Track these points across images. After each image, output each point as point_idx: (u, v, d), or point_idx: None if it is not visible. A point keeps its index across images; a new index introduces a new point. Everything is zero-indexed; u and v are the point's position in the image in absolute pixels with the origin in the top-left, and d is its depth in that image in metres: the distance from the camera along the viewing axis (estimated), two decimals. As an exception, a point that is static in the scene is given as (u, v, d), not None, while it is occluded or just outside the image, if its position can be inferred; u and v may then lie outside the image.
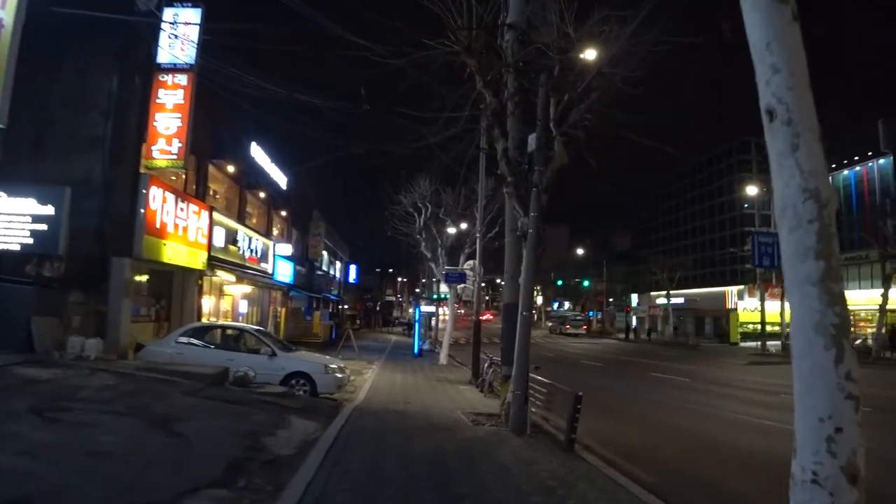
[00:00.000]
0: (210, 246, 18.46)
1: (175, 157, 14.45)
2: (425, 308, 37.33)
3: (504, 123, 11.82)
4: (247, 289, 23.36)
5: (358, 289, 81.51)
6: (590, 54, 11.23)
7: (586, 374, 24.16)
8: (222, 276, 19.59)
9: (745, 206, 68.05)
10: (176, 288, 18.12)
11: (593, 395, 9.45)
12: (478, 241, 20.79)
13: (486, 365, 17.54)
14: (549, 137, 11.34)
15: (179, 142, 14.52)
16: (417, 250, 30.51)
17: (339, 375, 12.86)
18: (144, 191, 14.11)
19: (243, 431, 7.24)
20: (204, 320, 18.43)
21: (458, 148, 13.26)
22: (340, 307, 58.48)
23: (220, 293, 20.67)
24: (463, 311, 70.10)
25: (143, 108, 14.56)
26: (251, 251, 23.00)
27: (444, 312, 56.27)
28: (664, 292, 73.16)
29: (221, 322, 17.08)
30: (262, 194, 25.29)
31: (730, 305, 67.87)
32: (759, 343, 46.67)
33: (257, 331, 13.82)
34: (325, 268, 46.03)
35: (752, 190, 54.67)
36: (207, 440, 6.58)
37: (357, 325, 71.62)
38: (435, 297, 39.36)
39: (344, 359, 26.41)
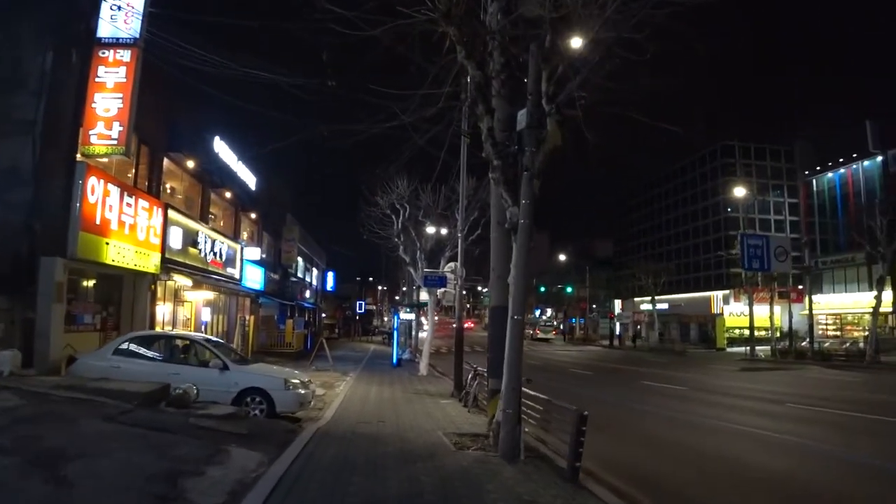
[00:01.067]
0: (164, 247, 16.71)
1: (115, 142, 12.72)
2: (404, 316, 35.65)
3: (489, 99, 10.26)
4: (210, 295, 21.56)
5: (337, 297, 79.67)
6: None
7: (576, 384, 22.62)
8: (179, 280, 17.81)
9: (729, 209, 67.14)
10: (126, 293, 16.33)
11: (587, 407, 7.91)
12: (459, 239, 19.13)
13: (469, 376, 15.95)
14: (541, 115, 9.79)
15: (121, 125, 12.78)
16: (396, 254, 28.87)
17: (302, 391, 11.18)
18: (81, 181, 12.36)
19: (160, 471, 5.56)
20: (157, 329, 16.64)
21: (436, 129, 11.65)
22: (318, 316, 56.56)
23: (179, 300, 18.89)
24: (452, 320, 68.19)
25: (81, 88, 12.82)
26: (214, 254, 21.22)
27: (425, 321, 54.92)
28: (648, 298, 72.10)
29: (169, 331, 15.27)
30: (227, 194, 23.53)
31: (715, 310, 66.96)
32: (748, 348, 45.66)
33: (207, 341, 12.05)
34: (300, 274, 44.20)
35: (737, 192, 53.58)
36: (102, 487, 4.93)
37: (336, 334, 69.77)
38: (415, 303, 37.77)
39: (317, 370, 24.73)
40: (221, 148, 21.85)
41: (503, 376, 9.43)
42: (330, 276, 60.29)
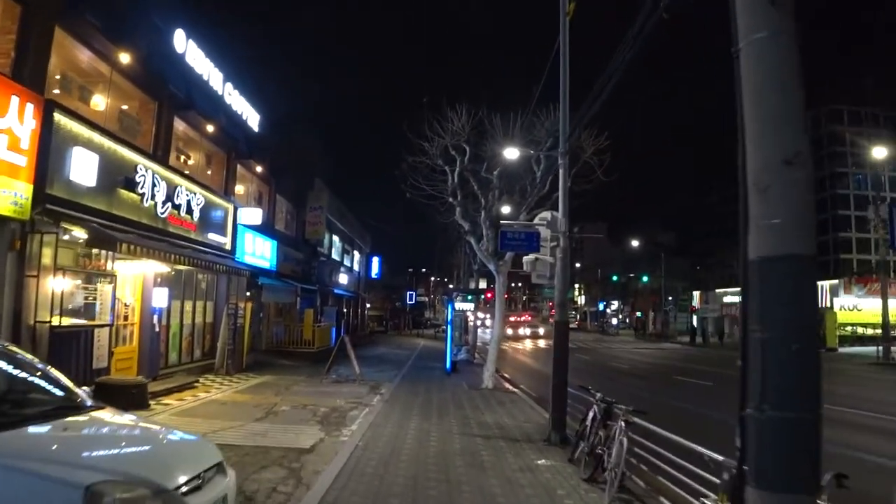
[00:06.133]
0: (45, 175, 9.52)
1: None
2: (460, 305, 28.06)
3: None
4: (165, 268, 14.14)
5: (385, 287, 72.76)
6: None
7: (708, 404, 14.88)
8: (80, 236, 10.58)
9: (839, 185, 57.37)
10: (-24, 257, 9.20)
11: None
12: (561, 168, 10.95)
13: (590, 416, 8.32)
14: None
15: None
16: (451, 219, 21.27)
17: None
18: None
19: None
20: (47, 318, 9.47)
21: None
22: (360, 306, 49.40)
23: (92, 269, 11.62)
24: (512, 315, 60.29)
25: None
26: (177, 208, 14.03)
27: (482, 315, 46.81)
28: (735, 288, 62.88)
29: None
30: (209, 128, 16.27)
31: (819, 304, 57.16)
32: (880, 349, 36.56)
33: None
34: (336, 256, 37.09)
35: (876, 153, 44.01)
36: None
37: (383, 328, 62.78)
38: (473, 290, 30.12)
39: (336, 381, 17.30)
40: (190, 50, 14.63)
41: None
42: (375, 261, 52.99)
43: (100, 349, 11.38)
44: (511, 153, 12.40)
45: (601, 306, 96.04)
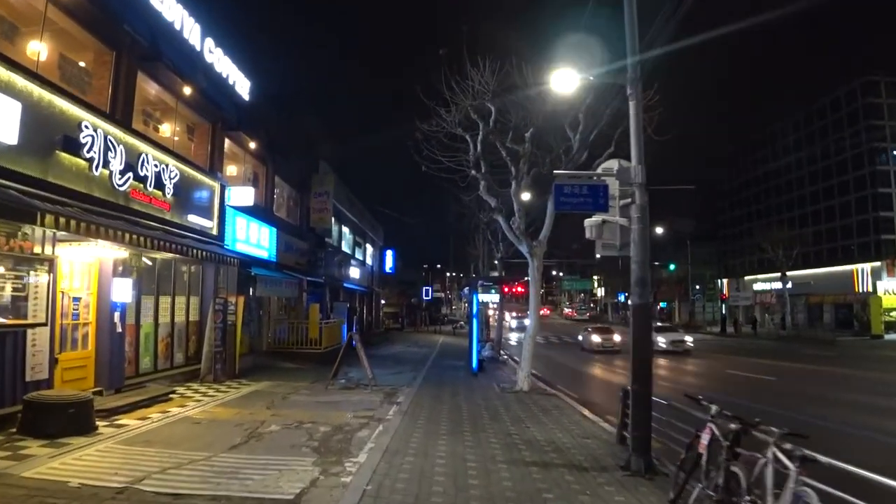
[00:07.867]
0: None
1: None
2: (485, 297, 25.30)
3: None
4: (124, 254, 11.48)
5: (400, 283, 70.03)
6: None
7: (811, 410, 12.17)
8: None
9: (878, 161, 53.75)
10: None
11: None
12: (631, 98, 7.86)
13: (704, 439, 5.65)
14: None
15: None
16: (472, 196, 18.54)
17: None
18: None
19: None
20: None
21: None
22: (374, 302, 46.66)
23: (36, 256, 9.03)
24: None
25: None
26: (143, 181, 11.45)
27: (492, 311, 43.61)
28: (766, 276, 59.89)
29: None
30: (186, 90, 13.66)
31: (860, 288, 53.90)
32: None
33: None
34: (346, 248, 34.47)
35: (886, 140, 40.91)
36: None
37: (399, 324, 60.09)
38: (497, 277, 27.31)
39: (345, 388, 14.66)
40: (155, -10, 12.03)
41: None
42: (389, 255, 50.26)
43: (36, 356, 8.82)
44: (564, 78, 9.39)
45: (622, 298, 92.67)
